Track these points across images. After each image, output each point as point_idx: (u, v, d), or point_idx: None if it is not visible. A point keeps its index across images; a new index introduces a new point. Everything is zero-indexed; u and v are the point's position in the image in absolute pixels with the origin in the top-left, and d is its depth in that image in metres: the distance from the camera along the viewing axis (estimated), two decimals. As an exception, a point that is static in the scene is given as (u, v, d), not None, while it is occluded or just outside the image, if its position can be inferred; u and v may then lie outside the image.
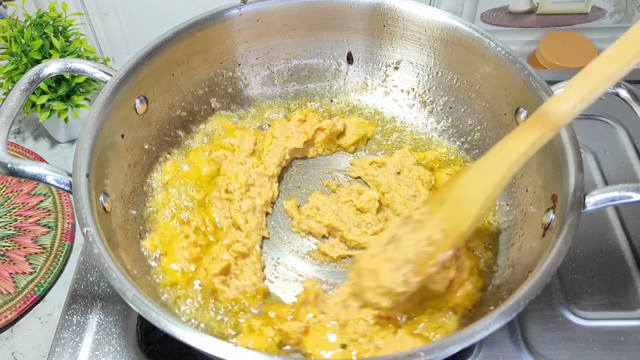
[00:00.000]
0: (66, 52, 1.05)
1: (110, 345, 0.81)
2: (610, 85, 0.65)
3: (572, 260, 0.91)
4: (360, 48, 1.03)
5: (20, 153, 1.11)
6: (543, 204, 0.79)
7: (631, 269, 0.90)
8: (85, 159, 0.73)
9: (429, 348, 0.59)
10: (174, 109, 0.95)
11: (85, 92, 1.09)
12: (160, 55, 0.88)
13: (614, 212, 0.97)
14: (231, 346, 0.59)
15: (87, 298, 0.86)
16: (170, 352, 0.81)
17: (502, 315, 0.61)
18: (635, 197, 0.69)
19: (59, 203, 1.04)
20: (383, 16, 0.98)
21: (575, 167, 0.73)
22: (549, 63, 1.23)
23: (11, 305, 0.91)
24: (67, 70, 0.81)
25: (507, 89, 0.89)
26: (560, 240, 0.67)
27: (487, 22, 1.31)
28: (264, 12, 0.97)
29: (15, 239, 0.99)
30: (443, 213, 0.72)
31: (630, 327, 0.84)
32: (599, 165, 1.04)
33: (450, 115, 1.00)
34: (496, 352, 0.81)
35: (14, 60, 1.03)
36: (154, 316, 0.61)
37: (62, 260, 0.97)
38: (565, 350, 0.81)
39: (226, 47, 0.98)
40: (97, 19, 1.23)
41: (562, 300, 0.87)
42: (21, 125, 1.20)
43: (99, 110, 0.78)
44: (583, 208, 0.70)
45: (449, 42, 0.95)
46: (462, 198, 0.71)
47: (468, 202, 0.70)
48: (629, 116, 1.00)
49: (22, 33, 1.03)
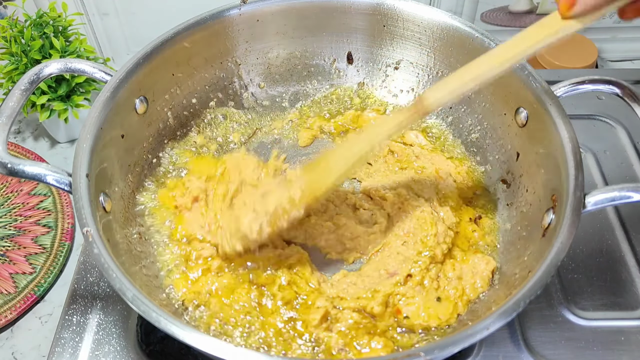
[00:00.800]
0: (66, 52, 1.05)
1: (110, 345, 0.81)
2: (479, 83, 0.69)
3: (572, 260, 0.91)
4: (360, 48, 1.03)
5: (20, 153, 1.11)
6: (543, 204, 0.79)
7: (631, 269, 0.90)
8: (85, 159, 0.73)
9: (429, 348, 0.59)
10: (174, 109, 0.95)
11: (85, 92, 1.09)
12: (160, 55, 0.88)
13: (614, 212, 0.97)
14: (231, 346, 0.59)
15: (87, 298, 0.86)
16: (170, 352, 0.81)
17: (502, 315, 0.61)
18: (635, 197, 0.69)
19: (59, 203, 1.04)
20: (383, 16, 0.98)
21: (575, 167, 0.73)
22: (549, 63, 1.23)
23: (11, 305, 0.91)
24: (67, 70, 0.81)
25: (507, 89, 0.89)
26: (560, 240, 0.67)
27: (487, 22, 1.31)
28: (264, 12, 0.97)
29: (15, 239, 0.99)
30: (309, 177, 0.78)
31: (630, 327, 0.84)
32: (599, 165, 1.03)
33: (450, 115, 1.00)
34: (496, 352, 0.81)
35: (14, 60, 1.03)
36: (154, 316, 0.61)
37: (62, 260, 0.97)
38: (565, 350, 0.81)
39: (226, 47, 0.98)
40: (97, 19, 1.23)
41: (562, 300, 0.87)
42: (21, 125, 1.20)
43: (99, 110, 0.78)
44: (583, 208, 0.70)
45: (449, 42, 0.95)
46: (326, 167, 0.78)
47: (329, 170, 0.77)
48: (629, 116, 1.00)
49: (22, 33, 1.03)
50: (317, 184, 0.77)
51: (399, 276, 0.79)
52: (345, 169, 0.77)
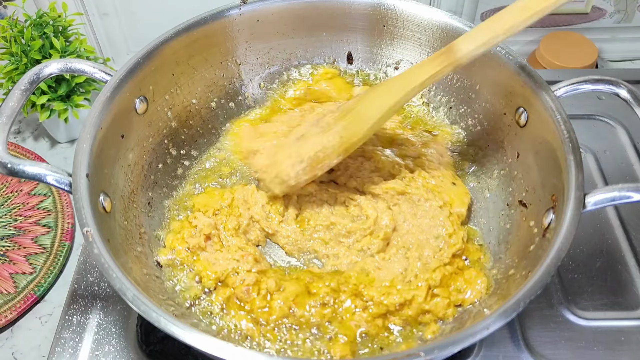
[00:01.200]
0: (66, 52, 1.05)
1: (110, 345, 0.81)
2: (510, 36, 0.70)
3: (572, 260, 0.91)
4: (360, 48, 1.03)
5: (20, 153, 1.11)
6: (543, 204, 0.79)
7: (631, 269, 0.90)
8: (85, 159, 0.73)
9: (429, 348, 0.59)
10: (174, 109, 0.95)
11: (85, 92, 1.09)
12: (160, 55, 0.88)
13: (614, 212, 0.97)
14: (231, 346, 0.59)
15: (87, 298, 0.86)
16: (170, 352, 0.81)
17: (502, 315, 0.61)
18: (635, 197, 0.69)
19: (59, 203, 1.04)
20: (383, 16, 0.98)
21: (575, 167, 0.73)
22: (549, 63, 1.23)
23: (11, 305, 0.91)
24: (67, 70, 0.81)
25: (507, 89, 0.89)
26: (560, 240, 0.67)
27: (487, 22, 1.31)
28: (264, 12, 0.97)
29: (15, 239, 1.00)
30: (345, 122, 0.79)
31: (630, 327, 0.84)
32: (599, 165, 1.04)
33: (450, 115, 1.00)
34: (496, 352, 0.81)
35: (14, 60, 1.03)
36: (154, 316, 0.61)
37: (62, 260, 0.97)
38: (565, 350, 0.81)
39: (226, 47, 0.98)
40: (97, 19, 1.23)
41: (562, 300, 0.87)
42: (21, 125, 1.20)
43: (99, 110, 0.78)
44: (583, 208, 0.70)
45: (449, 42, 0.93)
46: (362, 113, 0.79)
47: (366, 117, 0.78)
48: (629, 116, 1.00)
49: (22, 33, 1.03)
50: (354, 130, 0.77)
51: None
52: (379, 117, 0.78)
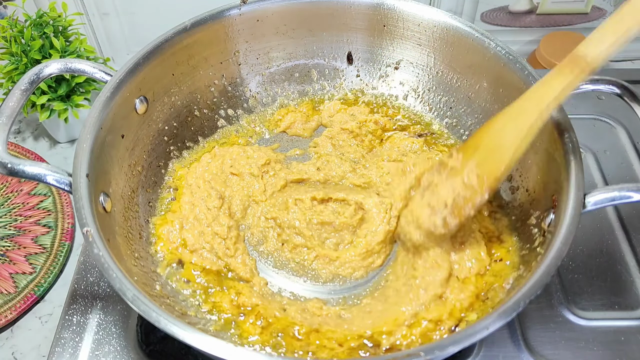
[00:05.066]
0: (66, 52, 1.05)
1: (110, 345, 0.81)
2: (635, 35, 0.66)
3: (572, 260, 0.91)
4: (360, 48, 1.03)
5: (20, 153, 1.11)
6: (543, 204, 0.79)
7: (631, 269, 0.90)
8: (85, 159, 0.73)
9: (429, 348, 0.59)
10: (174, 109, 0.95)
11: (85, 92, 1.09)
12: (160, 55, 0.88)
13: (614, 212, 0.97)
14: (231, 346, 0.59)
15: (87, 298, 0.86)
16: (170, 352, 0.81)
17: (502, 315, 0.61)
18: (635, 197, 0.69)
19: (59, 203, 1.04)
20: (383, 16, 0.98)
21: (575, 167, 0.73)
22: (549, 63, 1.23)
23: (11, 305, 0.91)
24: (67, 71, 0.81)
25: (507, 89, 0.89)
26: (560, 240, 0.67)
27: (487, 22, 1.31)
28: (264, 12, 0.97)
29: (15, 239, 0.99)
30: (477, 159, 0.74)
31: (630, 327, 0.84)
32: (599, 165, 1.04)
33: (450, 115, 1.00)
34: (496, 352, 0.81)
35: (14, 60, 1.03)
36: (154, 316, 0.61)
37: (62, 260, 0.97)
38: (565, 350, 0.81)
39: (226, 47, 0.98)
40: (97, 19, 1.23)
41: (562, 300, 0.87)
42: (21, 125, 1.20)
43: (99, 110, 0.78)
44: (583, 208, 0.70)
45: (449, 42, 0.95)
46: (495, 144, 0.74)
47: (501, 147, 0.73)
48: (629, 116, 1.00)
49: (22, 33, 1.03)
50: (493, 164, 0.73)
51: None
52: (519, 142, 0.72)
